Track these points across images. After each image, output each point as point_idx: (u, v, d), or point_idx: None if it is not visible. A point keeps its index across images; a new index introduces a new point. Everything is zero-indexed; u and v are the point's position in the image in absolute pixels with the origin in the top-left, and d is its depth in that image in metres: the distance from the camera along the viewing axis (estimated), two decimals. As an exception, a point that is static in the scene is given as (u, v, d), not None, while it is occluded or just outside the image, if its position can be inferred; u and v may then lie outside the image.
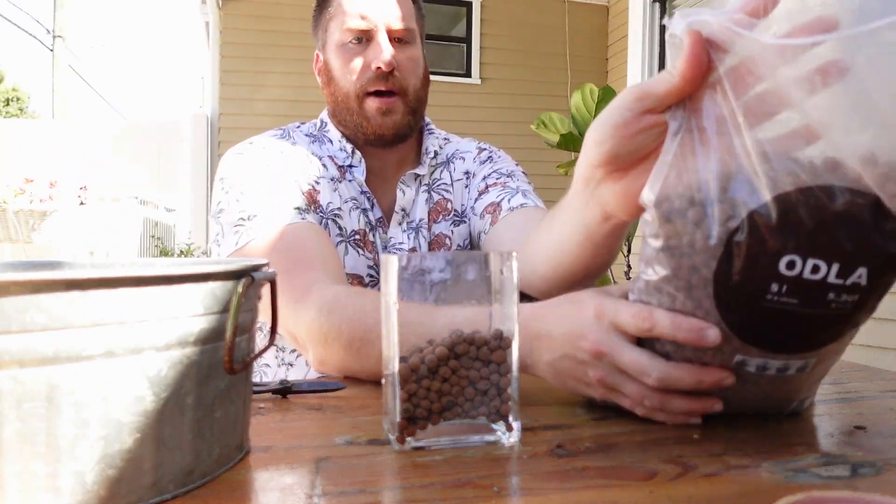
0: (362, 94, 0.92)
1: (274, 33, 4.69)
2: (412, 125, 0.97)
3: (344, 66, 0.93)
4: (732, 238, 0.41)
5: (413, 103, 0.95)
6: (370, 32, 0.91)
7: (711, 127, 0.42)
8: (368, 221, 0.96)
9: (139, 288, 0.34)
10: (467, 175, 1.04)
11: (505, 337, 0.46)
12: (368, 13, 0.91)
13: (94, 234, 6.20)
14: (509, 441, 0.46)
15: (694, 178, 0.43)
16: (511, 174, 1.02)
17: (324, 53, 0.98)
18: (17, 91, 21.30)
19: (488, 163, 1.05)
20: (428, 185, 1.02)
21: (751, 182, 0.40)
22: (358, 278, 0.93)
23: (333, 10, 0.95)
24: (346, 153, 0.98)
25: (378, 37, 0.91)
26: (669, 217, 0.44)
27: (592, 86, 2.19)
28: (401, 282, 0.44)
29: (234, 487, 0.39)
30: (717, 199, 0.42)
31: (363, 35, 0.92)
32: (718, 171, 0.41)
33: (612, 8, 4.95)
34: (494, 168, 1.03)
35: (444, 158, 1.05)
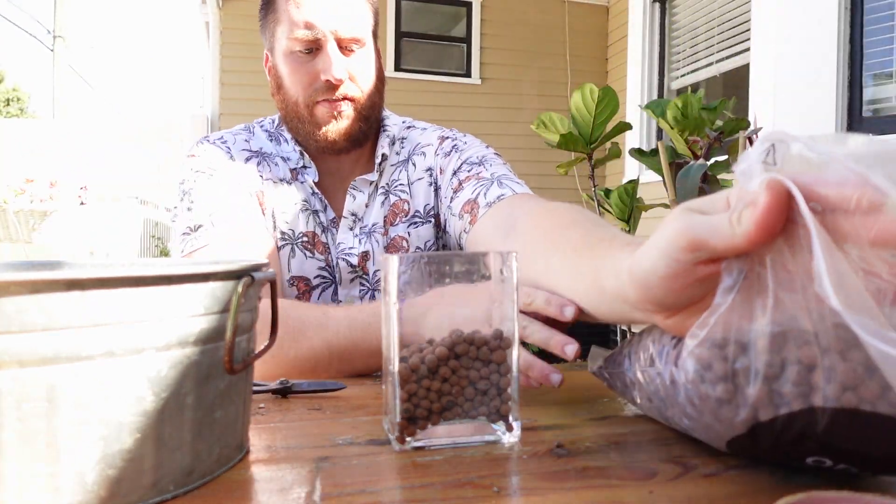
0: (312, 103, 0.90)
1: (274, 33, 4.70)
2: (365, 131, 0.94)
3: (292, 74, 0.90)
4: (757, 426, 0.36)
5: (365, 109, 0.92)
6: (318, 42, 0.87)
7: (775, 294, 0.34)
8: (320, 223, 0.95)
9: (139, 288, 0.34)
10: (429, 172, 0.99)
11: (505, 337, 0.46)
12: (316, 22, 0.86)
13: (94, 234, 6.20)
14: (509, 441, 0.46)
15: (737, 350, 0.35)
16: (482, 160, 0.94)
17: (272, 57, 0.94)
18: (17, 91, 21.30)
19: (454, 153, 0.97)
20: (385, 187, 0.99)
21: (805, 376, 0.34)
22: (304, 280, 0.92)
23: (279, 14, 0.89)
24: (297, 155, 0.97)
25: (327, 47, 0.87)
26: (703, 378, 0.38)
27: (592, 86, 2.19)
28: (401, 282, 0.44)
29: (234, 487, 0.39)
30: (756, 380, 0.35)
31: (311, 45, 0.88)
32: (767, 353, 0.34)
33: (612, 8, 4.95)
34: (463, 158, 0.95)
35: (404, 157, 1.01)
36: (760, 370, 0.34)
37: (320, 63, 0.88)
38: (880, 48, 2.56)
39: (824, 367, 0.33)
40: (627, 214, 2.16)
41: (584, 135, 2.26)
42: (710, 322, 0.36)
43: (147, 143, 7.66)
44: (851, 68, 2.59)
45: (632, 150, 2.07)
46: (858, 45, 2.58)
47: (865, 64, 2.59)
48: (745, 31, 3.20)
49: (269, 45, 0.94)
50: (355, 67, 0.90)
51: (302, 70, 0.89)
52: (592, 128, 2.24)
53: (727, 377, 0.36)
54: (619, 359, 0.52)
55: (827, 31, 2.59)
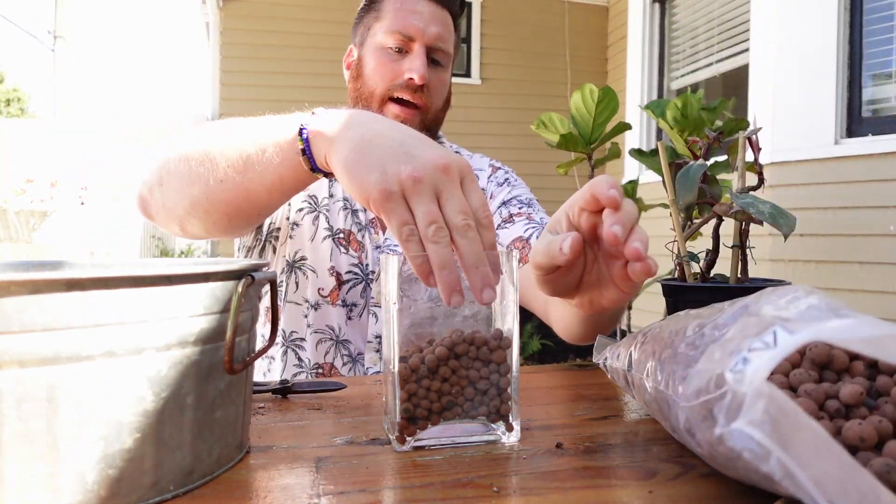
0: (386, 97, 0.95)
1: (274, 33, 4.69)
2: None
3: (378, 67, 0.95)
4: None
5: (430, 122, 0.98)
6: (411, 44, 0.94)
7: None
8: (357, 222, 0.98)
9: (139, 288, 0.34)
10: (483, 192, 1.05)
11: (505, 337, 0.46)
12: (415, 26, 0.94)
13: (94, 234, 6.20)
14: (509, 441, 0.46)
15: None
16: (530, 203, 1.04)
17: (359, 50, 1.00)
18: (17, 91, 21.30)
19: (506, 186, 1.06)
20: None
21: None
22: (337, 273, 0.96)
23: (382, 13, 0.97)
24: None
25: (416, 50, 0.94)
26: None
27: (592, 86, 2.19)
28: (401, 281, 0.44)
29: (234, 487, 0.39)
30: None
31: (404, 45, 0.94)
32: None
33: (611, 8, 4.95)
34: (514, 194, 1.05)
35: None
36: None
37: (407, 62, 0.94)
38: (880, 48, 2.56)
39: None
40: (627, 214, 2.16)
41: (583, 135, 2.26)
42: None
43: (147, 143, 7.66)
44: (851, 68, 2.59)
45: (632, 150, 2.06)
46: (858, 45, 2.58)
47: (865, 64, 2.59)
48: (745, 31, 3.20)
49: (360, 40, 1.00)
50: (434, 79, 0.96)
51: (388, 65, 0.94)
52: (592, 128, 2.24)
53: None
54: (622, 355, 0.52)
55: (827, 32, 2.59)
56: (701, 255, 0.71)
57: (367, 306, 0.96)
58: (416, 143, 0.48)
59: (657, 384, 0.43)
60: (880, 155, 2.43)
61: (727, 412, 0.32)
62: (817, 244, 2.60)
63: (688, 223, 0.72)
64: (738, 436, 0.31)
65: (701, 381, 0.36)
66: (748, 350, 0.32)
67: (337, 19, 4.52)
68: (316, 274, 0.95)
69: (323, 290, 0.95)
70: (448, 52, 0.98)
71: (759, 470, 0.31)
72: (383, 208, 0.45)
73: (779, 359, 0.30)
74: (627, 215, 0.47)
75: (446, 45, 0.97)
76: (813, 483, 0.28)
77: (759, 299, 0.40)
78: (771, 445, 0.29)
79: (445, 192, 0.45)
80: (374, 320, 0.96)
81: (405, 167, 0.45)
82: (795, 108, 2.70)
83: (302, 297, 0.96)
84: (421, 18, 0.94)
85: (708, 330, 0.41)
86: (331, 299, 0.95)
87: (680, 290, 0.67)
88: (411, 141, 0.49)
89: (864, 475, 0.27)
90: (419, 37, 0.94)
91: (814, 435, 0.28)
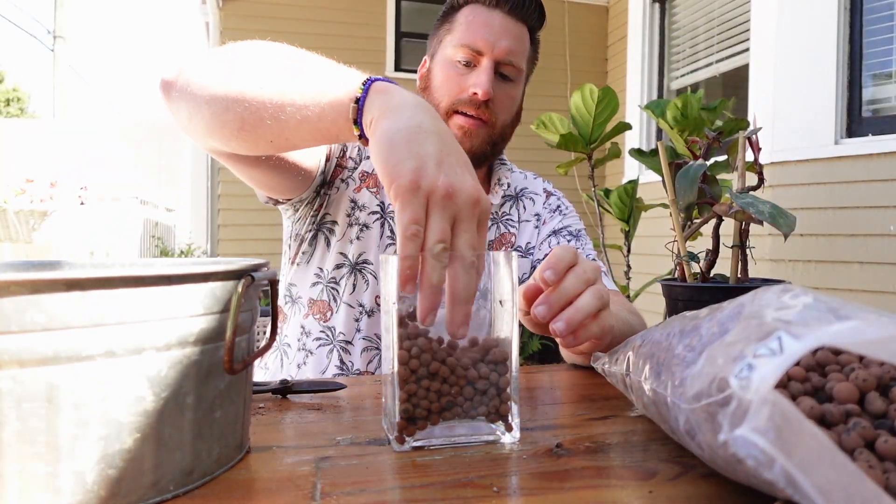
0: (451, 110, 0.94)
1: (274, 33, 4.68)
2: (488, 155, 0.98)
3: (445, 80, 0.95)
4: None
5: (496, 137, 0.97)
6: (479, 58, 0.93)
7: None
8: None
9: (139, 288, 0.34)
10: (537, 217, 1.06)
11: (504, 337, 0.46)
12: (484, 39, 0.92)
13: (94, 234, 6.20)
14: (509, 441, 0.46)
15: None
16: (579, 236, 1.05)
17: (431, 61, 1.00)
18: (17, 91, 21.30)
19: (557, 214, 1.07)
20: (494, 215, 1.03)
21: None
22: (360, 305, 0.95)
23: (454, 25, 0.96)
24: None
25: (484, 64, 0.93)
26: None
27: (592, 86, 2.19)
28: (401, 282, 0.44)
29: (234, 487, 0.39)
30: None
31: (472, 59, 0.93)
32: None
33: (611, 8, 4.95)
34: (564, 224, 1.05)
35: (512, 193, 1.07)
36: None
37: (473, 77, 0.93)
38: (880, 48, 2.56)
39: None
40: (627, 214, 2.16)
41: (583, 135, 2.26)
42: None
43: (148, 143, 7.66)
44: (851, 68, 2.59)
45: (631, 150, 2.07)
46: (858, 45, 2.58)
47: (865, 64, 2.59)
48: (745, 31, 3.20)
49: (433, 51, 1.00)
50: (501, 93, 0.95)
51: (455, 79, 0.94)
52: (592, 128, 2.24)
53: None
54: (620, 359, 0.52)
55: (827, 31, 2.59)
56: (701, 255, 0.71)
57: None
58: (464, 165, 0.49)
59: (656, 386, 0.43)
60: (880, 155, 2.43)
61: (731, 418, 0.32)
62: (817, 244, 2.60)
63: (688, 223, 0.72)
64: (742, 443, 0.30)
65: (702, 384, 0.36)
66: (753, 356, 0.32)
67: (337, 19, 4.52)
68: (377, 280, 0.94)
69: (380, 298, 0.94)
70: (518, 67, 0.96)
71: (762, 477, 0.31)
72: (404, 198, 0.45)
73: (786, 366, 0.30)
74: (558, 295, 0.57)
75: (517, 59, 0.95)
76: (817, 491, 0.28)
77: (754, 299, 0.40)
78: (775, 453, 0.29)
79: (464, 224, 0.46)
80: None
81: (445, 177, 0.46)
82: (795, 108, 2.70)
83: (357, 301, 0.94)
84: (491, 32, 0.93)
85: (705, 330, 0.41)
86: None
87: (680, 290, 0.67)
88: (461, 160, 0.49)
89: (868, 483, 0.27)
90: (488, 51, 0.92)
91: (817, 442, 0.28)
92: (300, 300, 0.98)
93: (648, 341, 0.48)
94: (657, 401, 0.43)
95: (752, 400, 0.30)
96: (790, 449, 0.29)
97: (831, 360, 0.38)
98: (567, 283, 0.58)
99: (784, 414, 0.29)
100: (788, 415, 0.29)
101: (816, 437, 0.28)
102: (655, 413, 0.45)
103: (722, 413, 0.33)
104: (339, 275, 0.95)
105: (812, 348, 0.30)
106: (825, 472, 0.27)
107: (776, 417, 0.29)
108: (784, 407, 0.29)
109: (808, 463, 0.28)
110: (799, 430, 0.28)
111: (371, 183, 0.96)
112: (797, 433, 0.28)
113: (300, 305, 0.98)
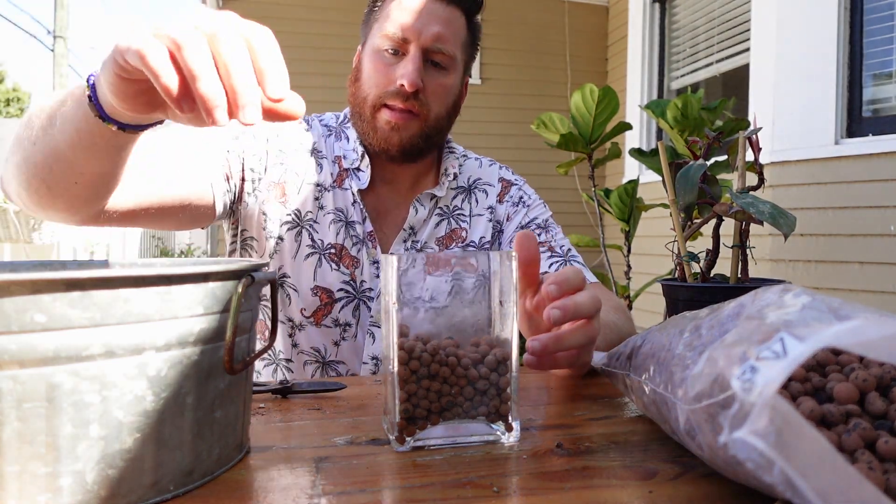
0: (378, 104, 0.89)
1: (274, 33, 4.70)
2: (422, 149, 0.92)
3: (372, 71, 0.90)
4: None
5: (429, 129, 0.91)
6: (406, 46, 0.88)
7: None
8: (355, 235, 0.92)
9: (139, 288, 0.34)
10: (490, 210, 1.01)
11: (504, 337, 0.46)
12: (410, 26, 0.87)
13: (94, 234, 6.20)
14: (509, 441, 0.46)
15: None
16: (548, 226, 1.00)
17: (362, 51, 0.95)
18: (17, 91, 21.31)
19: (521, 207, 1.01)
20: (445, 209, 0.99)
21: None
22: (326, 292, 0.91)
23: (381, 12, 0.91)
24: (356, 155, 0.95)
25: (411, 53, 0.87)
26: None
27: (592, 86, 2.19)
28: (400, 281, 0.44)
29: (234, 487, 0.39)
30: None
31: (399, 47, 0.88)
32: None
33: (611, 8, 4.95)
34: (531, 216, 1.01)
35: (464, 184, 1.02)
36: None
37: (401, 68, 0.88)
38: (880, 48, 2.56)
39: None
40: (627, 214, 2.16)
41: (584, 135, 2.26)
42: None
43: (147, 143, 7.64)
44: (851, 68, 2.59)
45: (632, 150, 2.07)
46: (858, 45, 2.58)
47: (865, 64, 2.59)
48: (745, 31, 3.20)
49: (364, 40, 0.95)
50: (433, 83, 0.89)
51: (382, 69, 0.89)
52: (592, 128, 2.24)
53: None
54: (621, 359, 0.52)
55: (827, 32, 2.59)
56: (701, 255, 0.71)
57: (363, 325, 0.91)
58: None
59: (656, 386, 0.43)
60: (880, 155, 2.43)
61: (732, 421, 0.32)
62: (817, 244, 2.60)
63: (688, 223, 0.72)
64: (742, 445, 0.30)
65: (703, 385, 0.35)
66: (756, 358, 0.32)
67: (337, 19, 4.52)
68: (298, 293, 0.90)
69: (305, 311, 0.90)
70: (450, 55, 0.89)
71: (762, 479, 0.31)
72: (136, 54, 0.42)
73: (790, 370, 0.30)
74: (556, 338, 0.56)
75: (448, 46, 0.89)
76: (816, 494, 0.28)
77: (754, 299, 0.40)
78: (774, 456, 0.29)
79: (225, 46, 0.42)
80: (370, 340, 0.91)
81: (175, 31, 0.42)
82: (795, 108, 2.70)
83: (286, 317, 0.91)
84: (418, 18, 0.87)
85: (705, 330, 0.41)
86: (314, 320, 0.90)
87: (680, 290, 0.67)
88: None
89: (868, 486, 0.27)
90: (415, 38, 0.87)
91: (818, 446, 0.28)
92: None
93: (648, 341, 0.48)
94: (657, 401, 0.43)
95: (755, 403, 0.30)
96: (790, 452, 0.28)
97: (831, 360, 0.38)
98: (565, 328, 0.57)
99: (785, 417, 0.29)
100: (789, 418, 0.29)
101: (817, 441, 0.28)
102: (655, 413, 0.45)
103: (723, 415, 0.33)
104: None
105: (815, 350, 0.30)
106: (825, 476, 0.27)
107: (777, 421, 0.29)
108: (785, 410, 0.29)
109: (807, 466, 0.28)
110: (799, 433, 0.28)
111: (279, 193, 0.91)
112: (798, 437, 0.28)
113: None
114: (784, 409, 0.29)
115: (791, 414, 0.29)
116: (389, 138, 0.89)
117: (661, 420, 0.45)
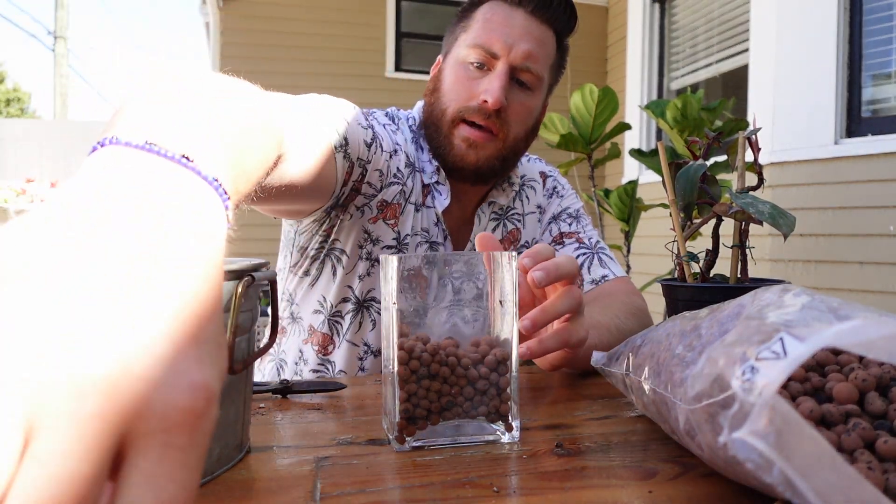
0: (457, 118, 0.85)
1: (274, 34, 4.70)
2: (497, 171, 0.88)
3: (455, 83, 0.86)
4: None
5: (507, 151, 0.87)
6: (493, 61, 0.84)
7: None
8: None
9: (139, 288, 0.34)
10: (539, 208, 1.00)
11: (504, 337, 0.46)
12: (500, 41, 0.83)
13: (94, 235, 6.18)
14: (509, 441, 0.46)
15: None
16: (579, 216, 0.98)
17: (444, 61, 0.91)
18: (17, 91, 21.32)
19: (556, 197, 1.00)
20: (499, 211, 0.96)
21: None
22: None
23: (470, 23, 0.87)
24: (433, 168, 0.90)
25: (498, 69, 0.84)
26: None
27: (592, 86, 2.19)
28: (401, 281, 0.44)
29: (234, 487, 0.39)
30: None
31: (485, 61, 0.84)
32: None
33: (611, 8, 4.95)
34: (563, 206, 0.99)
35: (517, 185, 0.99)
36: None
37: (485, 82, 0.84)
38: (880, 48, 2.56)
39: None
40: (627, 214, 2.16)
41: (583, 135, 2.26)
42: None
43: (147, 143, 7.64)
44: (851, 68, 2.59)
45: (631, 150, 2.07)
46: (858, 45, 2.58)
47: (865, 64, 2.59)
48: (745, 31, 3.20)
49: (446, 49, 0.91)
50: (516, 103, 0.85)
51: (465, 82, 0.85)
52: (592, 128, 2.25)
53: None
54: (621, 359, 0.52)
55: (826, 32, 2.59)
56: (701, 255, 0.71)
57: None
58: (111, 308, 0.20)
59: (655, 386, 0.43)
60: (880, 155, 2.43)
61: (732, 421, 0.32)
62: (817, 244, 2.60)
63: (688, 223, 0.72)
64: (741, 445, 0.30)
65: (703, 385, 0.35)
66: (756, 359, 0.32)
67: (337, 19, 4.52)
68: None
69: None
70: (538, 75, 0.86)
71: (762, 479, 0.31)
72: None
73: (790, 370, 0.30)
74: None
75: (537, 65, 0.85)
76: (816, 494, 0.28)
77: (754, 299, 0.40)
78: (774, 456, 0.29)
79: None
80: None
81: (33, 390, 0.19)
82: (795, 108, 2.70)
83: (362, 340, 0.87)
84: (510, 33, 0.83)
85: (705, 331, 0.41)
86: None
87: (680, 290, 0.67)
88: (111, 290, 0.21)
89: (867, 487, 0.27)
90: (504, 54, 0.83)
91: (817, 446, 0.28)
92: (301, 321, 0.91)
93: (648, 341, 0.48)
94: (657, 401, 0.43)
95: (754, 403, 0.30)
96: (790, 452, 0.29)
97: (831, 360, 0.38)
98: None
99: (784, 417, 0.29)
100: (789, 418, 0.29)
101: (816, 441, 0.28)
102: (655, 413, 0.45)
103: (723, 415, 0.33)
104: (343, 309, 0.88)
105: (815, 350, 0.30)
106: (825, 476, 0.28)
107: (776, 421, 0.29)
108: (785, 410, 0.29)
109: (807, 466, 0.28)
110: (799, 434, 0.28)
111: (389, 214, 0.86)
112: (797, 437, 0.28)
113: (300, 328, 0.91)
114: (784, 409, 0.29)
115: (791, 414, 0.29)
116: (465, 156, 0.85)
117: (660, 420, 0.45)
